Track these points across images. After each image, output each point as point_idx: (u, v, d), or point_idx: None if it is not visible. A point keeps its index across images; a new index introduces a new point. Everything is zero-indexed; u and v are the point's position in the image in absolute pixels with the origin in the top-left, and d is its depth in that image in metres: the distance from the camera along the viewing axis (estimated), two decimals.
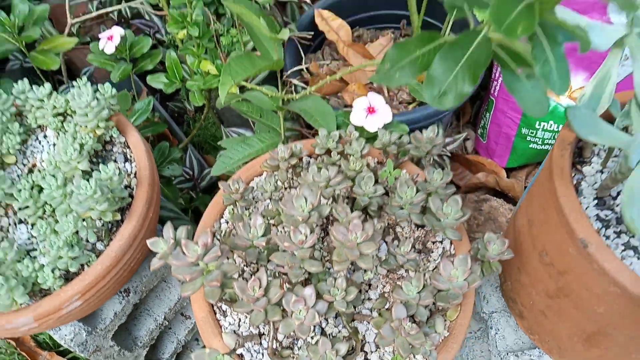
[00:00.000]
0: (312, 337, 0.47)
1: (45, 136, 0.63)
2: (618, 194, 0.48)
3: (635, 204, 0.34)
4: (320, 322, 0.48)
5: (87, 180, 0.52)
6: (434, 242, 0.55)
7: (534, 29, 0.21)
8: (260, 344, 0.47)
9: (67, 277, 0.55)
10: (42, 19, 0.82)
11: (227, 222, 0.56)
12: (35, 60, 0.82)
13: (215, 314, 0.50)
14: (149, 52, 0.83)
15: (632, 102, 0.36)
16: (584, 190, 0.48)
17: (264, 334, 0.48)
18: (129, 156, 0.61)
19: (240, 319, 0.49)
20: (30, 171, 0.61)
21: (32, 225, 0.58)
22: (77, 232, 0.53)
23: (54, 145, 0.62)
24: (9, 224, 0.59)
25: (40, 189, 0.57)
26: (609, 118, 0.49)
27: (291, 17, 1.16)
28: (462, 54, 0.26)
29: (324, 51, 1.09)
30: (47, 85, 0.61)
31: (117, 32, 0.79)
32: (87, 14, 0.92)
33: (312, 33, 1.01)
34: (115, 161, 0.61)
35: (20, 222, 0.59)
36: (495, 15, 0.21)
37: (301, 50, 1.03)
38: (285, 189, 0.58)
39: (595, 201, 0.48)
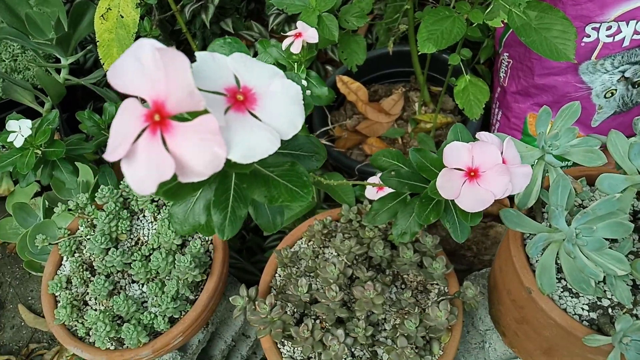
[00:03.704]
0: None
1: (144, 216, 0.87)
2: None
3: (543, 276, 0.53)
4: (350, 349, 0.69)
5: (182, 252, 0.75)
6: (432, 284, 0.75)
7: (439, 216, 0.41)
8: None
9: (171, 321, 0.78)
10: None
11: (280, 276, 0.78)
12: None
13: (276, 344, 0.71)
14: None
15: (549, 204, 0.55)
16: (530, 255, 0.67)
17: (311, 358, 0.69)
18: None
19: (294, 348, 0.71)
20: (137, 244, 0.85)
21: (143, 284, 0.81)
22: (177, 290, 0.77)
23: (152, 222, 0.86)
24: (126, 284, 0.83)
25: (147, 258, 0.81)
26: None
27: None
28: (413, 211, 0.46)
29: (346, 107, 1.30)
30: None
31: None
32: None
33: (336, 96, 1.22)
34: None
35: (133, 282, 0.82)
36: (417, 213, 0.41)
37: (326, 109, 1.24)
38: (321, 247, 0.80)
39: None
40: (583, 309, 0.61)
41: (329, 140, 1.21)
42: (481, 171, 0.38)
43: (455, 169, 0.39)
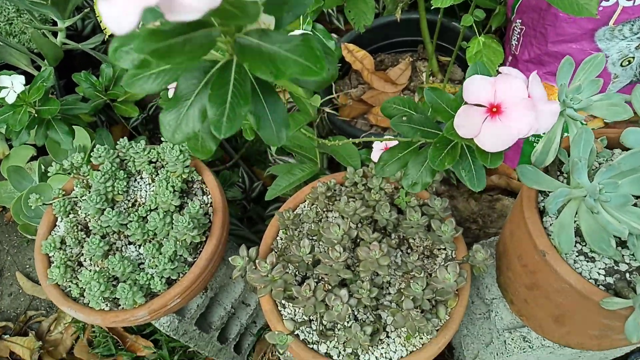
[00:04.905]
0: (347, 322, 0.65)
1: (141, 178, 0.84)
2: None
3: (561, 234, 0.50)
4: (353, 311, 0.67)
5: (181, 213, 0.73)
6: (439, 249, 0.73)
7: (455, 161, 0.38)
8: (311, 327, 0.66)
9: (169, 282, 0.76)
10: (121, 77, 1.03)
11: (282, 239, 0.75)
12: (118, 110, 1.04)
13: (277, 307, 0.69)
14: None
15: (570, 158, 0.52)
16: (549, 211, 0.64)
17: (313, 320, 0.67)
18: (205, 190, 0.81)
19: (295, 310, 0.68)
20: (133, 205, 0.82)
21: (140, 245, 0.79)
22: (175, 251, 0.74)
23: (149, 184, 0.83)
24: (122, 245, 0.80)
25: (144, 219, 0.78)
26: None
27: None
28: (425, 160, 0.43)
29: (351, 77, 1.26)
30: (142, 142, 0.81)
31: None
32: None
33: (340, 65, 1.18)
34: (195, 195, 0.81)
35: (129, 243, 0.80)
36: (430, 157, 0.38)
37: None
38: (324, 212, 0.77)
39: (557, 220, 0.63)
40: (599, 274, 0.58)
41: (333, 109, 1.17)
42: (504, 107, 0.35)
43: (475, 105, 0.36)
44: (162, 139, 0.83)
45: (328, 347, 0.64)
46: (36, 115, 0.87)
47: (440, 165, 0.39)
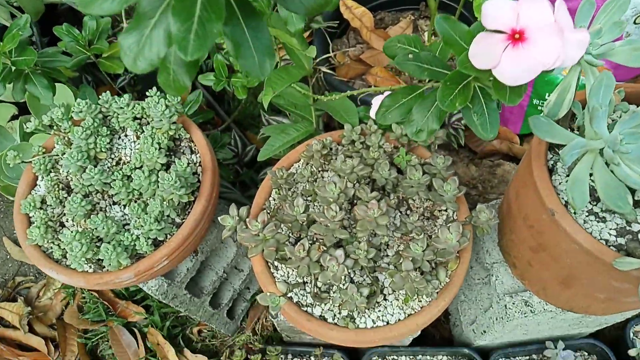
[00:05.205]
0: (343, 284, 0.62)
1: (126, 135, 0.79)
2: None
3: (575, 190, 0.46)
4: (349, 273, 0.64)
5: (167, 172, 0.68)
6: (439, 211, 0.69)
7: (467, 102, 0.33)
8: (305, 289, 0.63)
9: (156, 244, 0.72)
10: (105, 30, 0.96)
11: (275, 200, 0.71)
12: (103, 66, 0.98)
13: (269, 268, 0.66)
14: None
15: (585, 109, 0.48)
16: (558, 169, 0.60)
17: (306, 282, 0.64)
18: (194, 149, 0.77)
19: (288, 272, 0.65)
20: (118, 163, 0.77)
21: (125, 205, 0.75)
22: (161, 211, 0.70)
23: (134, 142, 0.78)
24: (106, 206, 0.76)
25: (129, 178, 0.74)
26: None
27: None
28: (432, 104, 0.38)
29: (349, 36, 1.20)
30: (126, 96, 0.76)
31: None
32: None
33: (338, 22, 1.12)
34: (183, 153, 0.76)
35: (114, 203, 0.76)
36: (440, 97, 0.33)
37: (328, 37, 1.14)
38: (319, 171, 0.73)
39: (567, 178, 0.59)
40: (610, 234, 0.55)
41: (330, 69, 1.12)
42: (528, 33, 0.30)
43: (494, 32, 0.31)
44: (147, 93, 0.78)
45: (323, 309, 0.61)
46: (13, 67, 0.81)
47: (451, 106, 0.35)
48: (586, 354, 0.89)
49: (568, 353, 0.83)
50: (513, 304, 0.74)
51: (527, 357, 0.89)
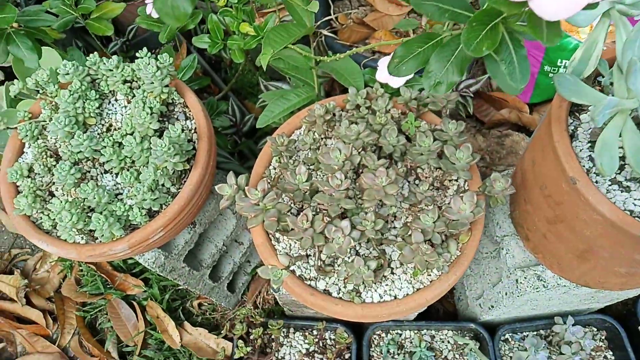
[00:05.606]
0: (348, 257, 0.59)
1: (116, 100, 0.74)
2: None
3: (604, 154, 0.42)
4: (355, 246, 0.60)
5: (160, 138, 0.64)
6: (450, 181, 0.65)
7: (495, 46, 0.29)
8: (308, 262, 0.60)
9: (150, 214, 0.68)
10: None
11: (275, 169, 0.67)
12: (92, 28, 0.92)
13: (270, 240, 0.62)
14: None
15: (615, 66, 0.44)
16: (579, 135, 0.56)
17: (310, 255, 0.61)
18: (188, 115, 0.72)
19: (290, 244, 0.62)
20: (108, 130, 0.73)
21: (117, 174, 0.71)
22: (155, 180, 0.66)
23: (125, 107, 0.73)
24: (97, 174, 0.72)
25: (120, 145, 0.69)
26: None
27: None
28: (452, 53, 0.34)
29: None
30: (115, 58, 0.71)
31: None
32: None
33: None
34: (177, 119, 0.72)
35: (105, 172, 0.72)
36: (465, 39, 0.29)
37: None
38: (322, 139, 0.68)
39: (589, 144, 0.55)
40: (635, 205, 0.51)
41: (332, 32, 1.06)
42: None
43: None
44: (137, 55, 0.73)
45: (327, 283, 0.58)
46: None
47: (477, 51, 0.30)
48: (595, 329, 0.87)
49: (577, 328, 0.81)
50: (525, 278, 0.71)
51: (535, 333, 0.86)
